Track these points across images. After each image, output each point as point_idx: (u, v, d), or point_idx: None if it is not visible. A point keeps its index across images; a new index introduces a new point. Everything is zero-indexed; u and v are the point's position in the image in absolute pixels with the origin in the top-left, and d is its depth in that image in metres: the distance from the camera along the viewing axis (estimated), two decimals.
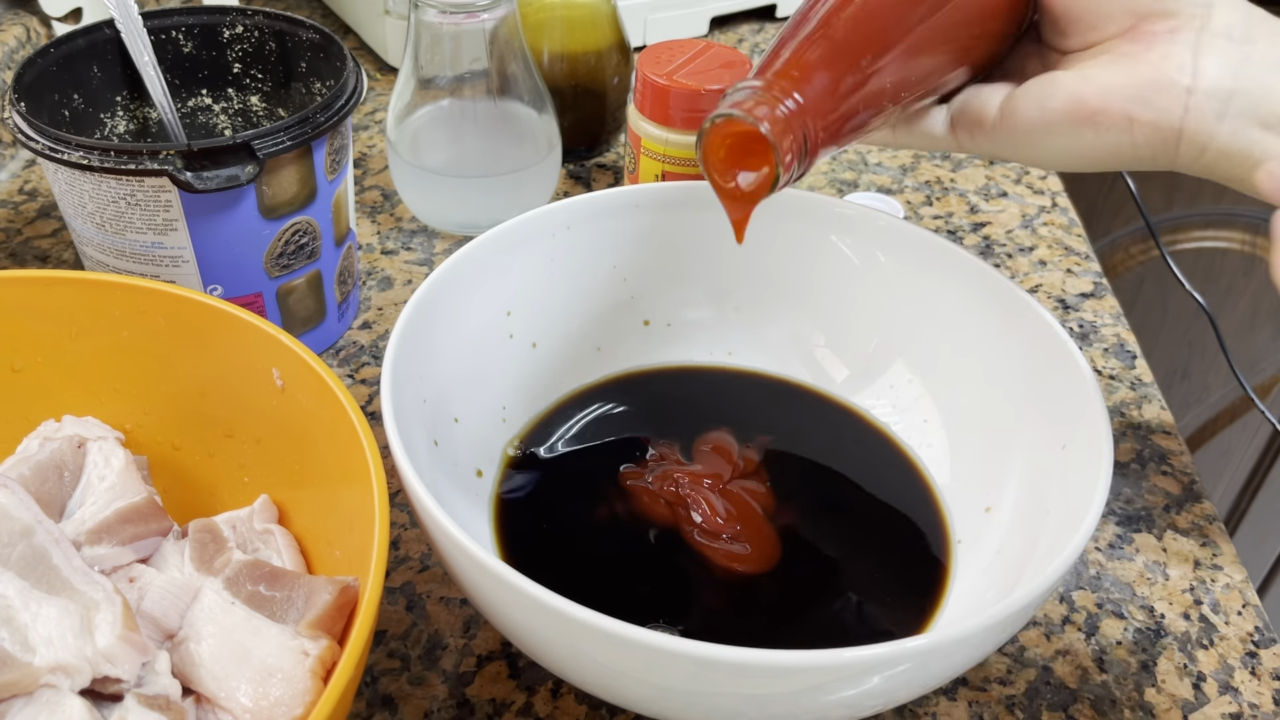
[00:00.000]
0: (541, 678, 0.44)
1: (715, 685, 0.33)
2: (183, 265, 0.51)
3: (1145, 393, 0.59)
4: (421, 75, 0.62)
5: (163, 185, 0.48)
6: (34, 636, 0.34)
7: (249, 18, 0.58)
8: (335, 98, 0.51)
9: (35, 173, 0.71)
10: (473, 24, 0.60)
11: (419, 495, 0.36)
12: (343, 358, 0.59)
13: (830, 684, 0.33)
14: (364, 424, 0.38)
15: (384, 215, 0.69)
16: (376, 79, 0.82)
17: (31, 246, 0.65)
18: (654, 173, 0.61)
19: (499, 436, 0.50)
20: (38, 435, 0.44)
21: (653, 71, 0.58)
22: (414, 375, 0.43)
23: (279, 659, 0.36)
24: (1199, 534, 0.51)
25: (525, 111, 0.64)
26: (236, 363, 0.43)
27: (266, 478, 0.44)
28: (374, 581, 0.34)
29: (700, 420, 0.52)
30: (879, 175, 0.75)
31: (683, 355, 0.55)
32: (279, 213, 0.51)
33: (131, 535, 0.40)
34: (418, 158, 0.64)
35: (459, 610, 0.46)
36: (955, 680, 0.44)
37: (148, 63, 0.54)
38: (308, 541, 0.42)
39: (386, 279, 0.64)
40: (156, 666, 0.36)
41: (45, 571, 0.36)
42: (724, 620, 0.44)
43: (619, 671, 0.35)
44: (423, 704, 0.43)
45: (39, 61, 0.53)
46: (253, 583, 0.38)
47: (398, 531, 0.49)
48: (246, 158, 0.48)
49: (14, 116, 0.49)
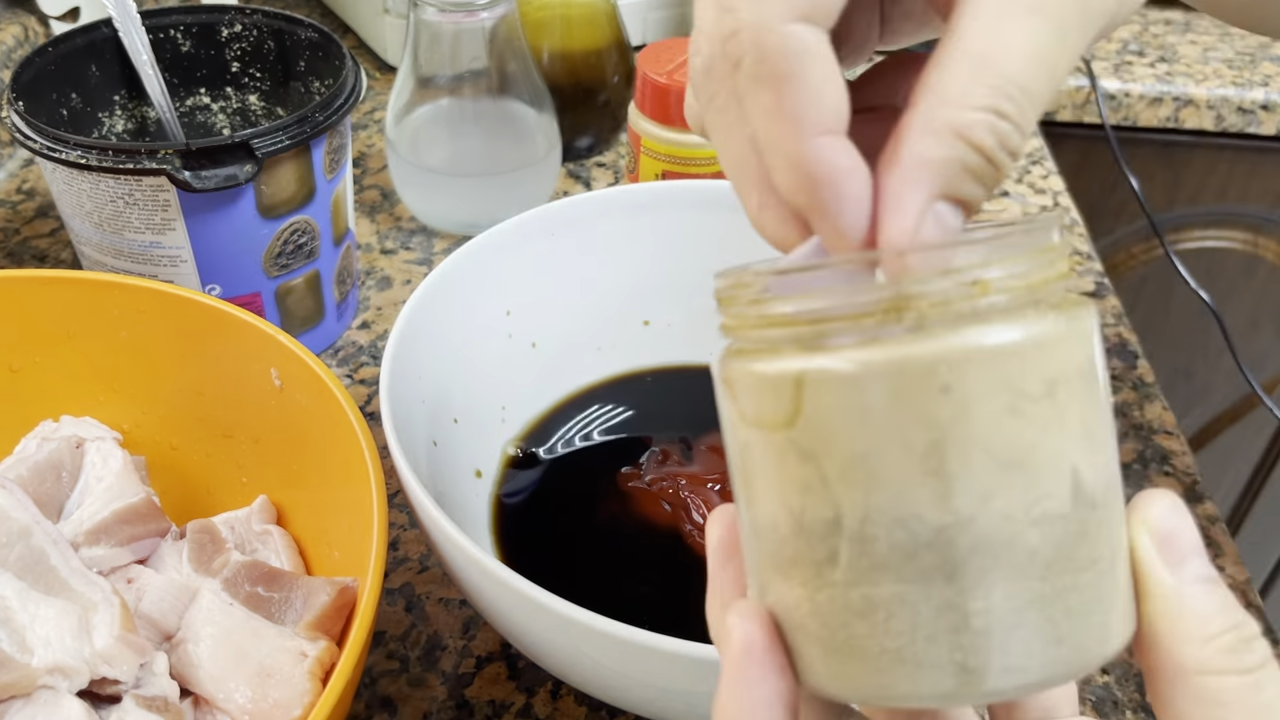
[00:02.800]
0: (541, 679, 0.43)
1: (714, 686, 0.33)
2: (181, 265, 0.51)
3: (1147, 393, 0.59)
4: (421, 74, 0.62)
5: (161, 184, 0.48)
6: (32, 637, 0.34)
7: (247, 16, 0.58)
8: (334, 97, 0.51)
9: (33, 172, 0.71)
10: (472, 22, 0.60)
11: (418, 496, 0.36)
12: (341, 358, 0.59)
13: None
14: (363, 424, 0.38)
15: (383, 215, 0.69)
16: (375, 78, 0.82)
17: (29, 246, 0.65)
18: (654, 172, 0.61)
19: (498, 437, 0.50)
20: (36, 435, 0.44)
21: (653, 70, 0.58)
22: (413, 375, 0.43)
23: (277, 660, 0.36)
24: (1201, 535, 0.51)
25: (525, 110, 0.64)
26: (235, 363, 0.43)
27: (265, 478, 0.44)
28: (373, 582, 0.34)
29: (700, 420, 0.51)
30: None
31: (683, 355, 0.54)
32: (277, 212, 0.51)
33: (129, 536, 0.40)
34: (417, 157, 0.64)
35: (458, 611, 0.46)
36: None
37: (146, 62, 0.54)
38: (306, 542, 0.42)
39: (385, 279, 0.64)
40: (154, 668, 0.36)
41: (43, 572, 0.36)
42: None
43: (618, 673, 0.34)
44: (422, 705, 0.42)
45: (37, 61, 0.53)
46: (251, 584, 0.38)
47: (396, 532, 0.49)
48: (245, 157, 0.47)
49: (12, 116, 0.49)
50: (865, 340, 0.19)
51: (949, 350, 0.19)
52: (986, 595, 0.19)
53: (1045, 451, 0.19)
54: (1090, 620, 0.20)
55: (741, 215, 0.24)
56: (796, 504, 0.20)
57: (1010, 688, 0.20)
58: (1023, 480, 0.19)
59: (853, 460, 0.19)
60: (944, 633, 0.19)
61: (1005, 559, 0.19)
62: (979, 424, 0.19)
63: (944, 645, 0.20)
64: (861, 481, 0.19)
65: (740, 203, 0.24)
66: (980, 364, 0.19)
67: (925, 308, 0.19)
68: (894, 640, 0.20)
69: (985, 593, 0.19)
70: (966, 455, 0.19)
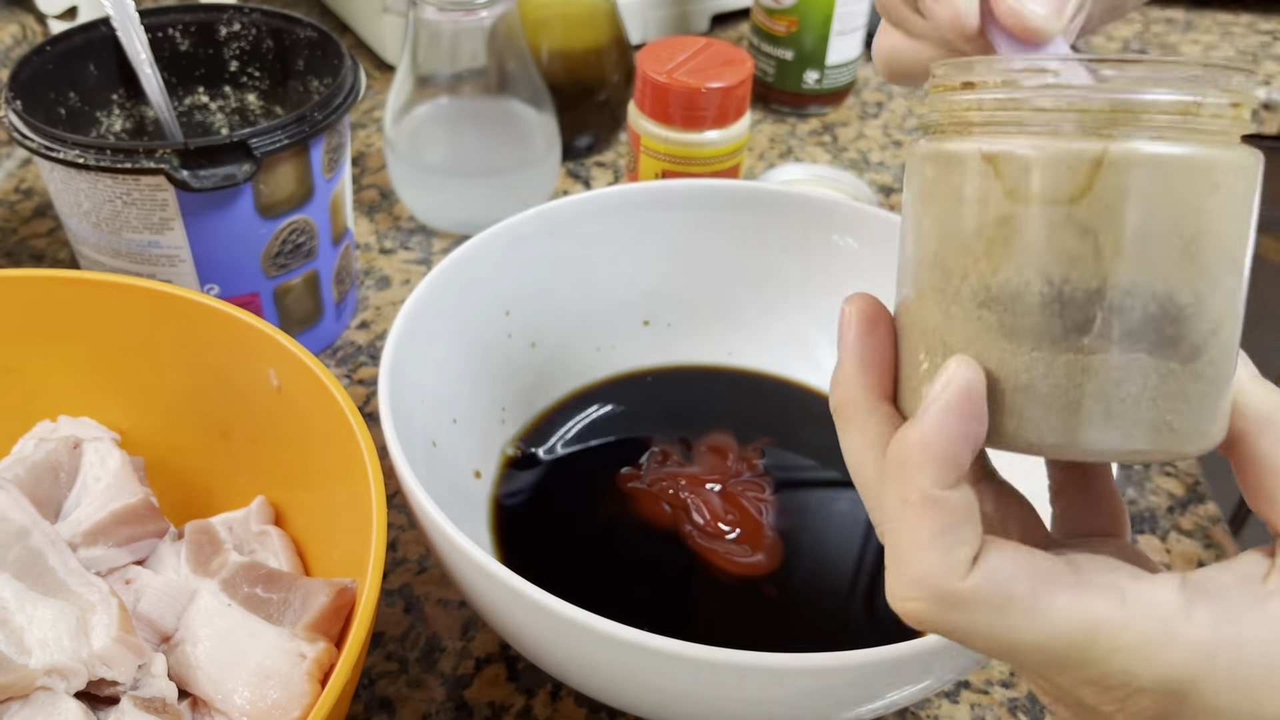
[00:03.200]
0: (540, 680, 0.43)
1: (715, 688, 0.33)
2: (179, 264, 0.51)
3: None
4: (420, 73, 0.62)
5: (159, 184, 0.47)
6: (30, 639, 0.34)
7: (246, 15, 0.58)
8: (333, 96, 0.51)
9: (31, 171, 0.71)
10: (471, 21, 0.59)
11: (417, 497, 0.36)
12: (340, 358, 0.59)
13: (831, 687, 0.33)
14: (361, 425, 0.38)
15: (382, 214, 0.68)
16: (374, 77, 0.82)
17: (27, 246, 0.65)
18: (654, 171, 0.61)
19: (498, 437, 0.49)
20: (33, 436, 0.43)
21: (653, 69, 0.58)
22: (412, 376, 0.42)
23: (276, 661, 0.35)
24: (1203, 535, 0.51)
25: (524, 109, 0.64)
26: (233, 363, 0.43)
27: (263, 479, 0.44)
28: (371, 583, 0.34)
29: (700, 420, 0.51)
30: (880, 174, 0.75)
31: (683, 355, 0.54)
32: (276, 211, 0.51)
33: (128, 536, 0.40)
34: (416, 156, 0.64)
35: (457, 612, 0.46)
36: (958, 683, 0.44)
37: (144, 61, 0.53)
38: (305, 543, 0.42)
39: (384, 278, 0.64)
40: (153, 669, 0.36)
41: (41, 573, 0.36)
42: (724, 622, 0.44)
43: (618, 674, 0.34)
44: (421, 706, 0.42)
45: (35, 59, 0.52)
46: (249, 585, 0.38)
47: (395, 533, 0.49)
48: (243, 156, 0.47)
49: (10, 115, 0.49)
50: (1155, 135, 0.23)
51: (1222, 156, 0.23)
52: (1199, 372, 0.24)
53: (1245, 255, 0.24)
54: (1220, 411, 0.25)
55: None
56: (1059, 274, 0.23)
57: (1190, 451, 0.24)
58: (1234, 276, 0.24)
59: (1132, 238, 0.23)
60: (1164, 397, 0.23)
61: (1219, 336, 0.24)
62: (1227, 222, 0.23)
63: (1161, 408, 0.23)
64: (1134, 257, 0.23)
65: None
66: (1238, 173, 0.23)
67: (1207, 116, 0.23)
68: (1119, 399, 0.23)
69: (1203, 367, 0.24)
70: (1215, 246, 0.23)
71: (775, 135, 0.78)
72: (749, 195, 0.50)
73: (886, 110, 0.82)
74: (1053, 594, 0.23)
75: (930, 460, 0.24)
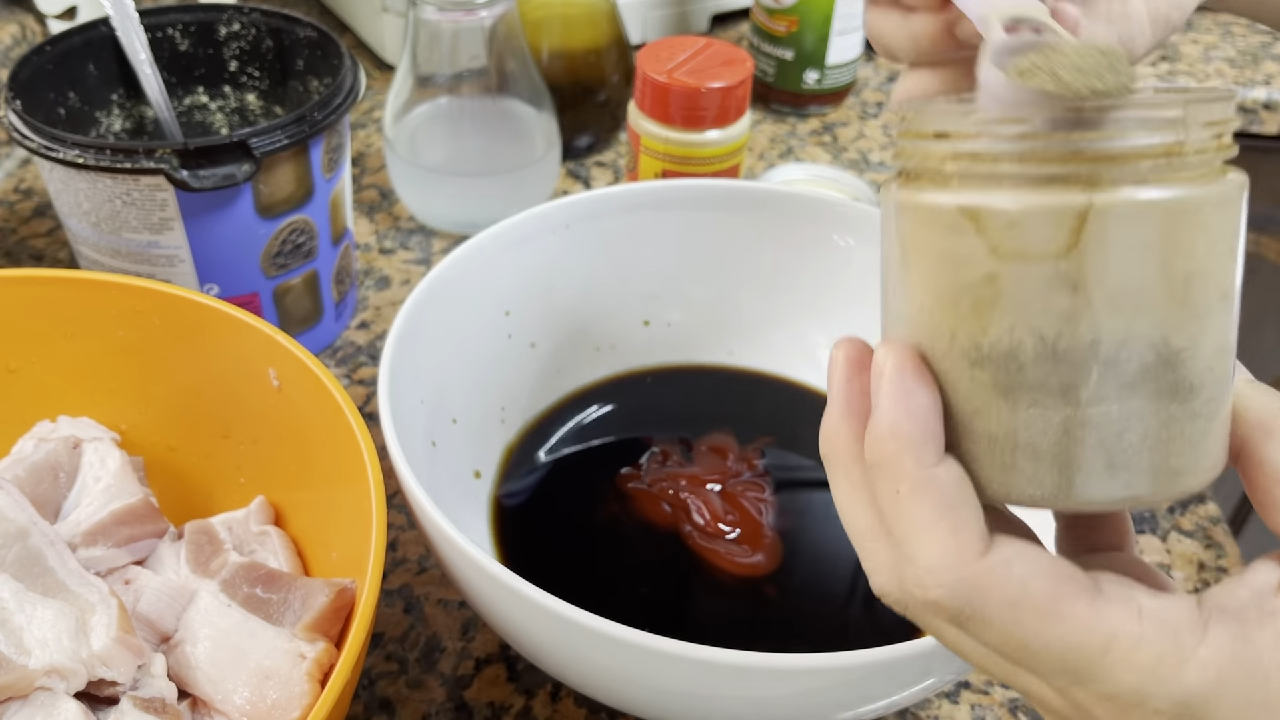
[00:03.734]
0: (540, 681, 0.43)
1: (715, 688, 0.33)
2: (179, 264, 0.51)
3: None
4: (420, 73, 0.62)
5: (159, 184, 0.47)
6: (29, 639, 0.34)
7: (246, 15, 0.58)
8: (332, 95, 0.51)
9: (31, 171, 0.71)
10: (471, 21, 0.59)
11: (417, 497, 0.36)
12: (340, 358, 0.59)
13: (831, 687, 0.33)
14: (361, 425, 0.38)
15: (381, 214, 0.68)
16: (374, 77, 0.82)
17: (27, 245, 0.65)
18: (654, 171, 0.61)
19: (498, 437, 0.49)
20: (33, 436, 0.43)
21: (652, 69, 0.58)
22: (412, 376, 0.42)
23: (275, 662, 0.35)
24: (1203, 535, 0.51)
25: (524, 109, 0.64)
26: (233, 363, 0.43)
27: (263, 479, 0.44)
28: (371, 584, 0.34)
29: (700, 420, 0.51)
30: (880, 174, 0.75)
31: (683, 355, 0.54)
32: (275, 211, 0.51)
33: (127, 537, 0.40)
34: (416, 156, 0.64)
35: (457, 613, 0.46)
36: (958, 683, 0.44)
37: (144, 61, 0.53)
38: (304, 543, 0.42)
39: (384, 278, 0.64)
40: (152, 669, 0.36)
41: (40, 574, 0.36)
42: (724, 623, 0.44)
43: (618, 675, 0.34)
44: (421, 707, 0.42)
45: (34, 59, 0.52)
46: (249, 585, 0.38)
47: (395, 533, 0.49)
48: (243, 156, 0.47)
49: (9, 115, 0.49)
50: (1138, 180, 0.22)
51: (1209, 194, 0.22)
52: (1198, 411, 0.23)
53: (1236, 286, 0.23)
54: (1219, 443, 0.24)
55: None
56: (1052, 330, 0.22)
57: (1193, 488, 0.24)
58: (1226, 309, 0.23)
59: (1123, 288, 0.22)
60: (1165, 441, 0.23)
61: (1215, 372, 0.23)
62: (1217, 258, 0.22)
63: (1163, 453, 0.23)
64: (1127, 308, 0.22)
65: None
66: (1225, 207, 0.22)
67: (1191, 154, 0.22)
68: (1121, 450, 0.23)
69: (1201, 405, 0.23)
70: (1206, 284, 0.22)
71: (775, 135, 0.78)
72: (749, 195, 0.50)
73: (887, 110, 0.82)
74: (1071, 598, 0.23)
75: (905, 443, 0.23)
